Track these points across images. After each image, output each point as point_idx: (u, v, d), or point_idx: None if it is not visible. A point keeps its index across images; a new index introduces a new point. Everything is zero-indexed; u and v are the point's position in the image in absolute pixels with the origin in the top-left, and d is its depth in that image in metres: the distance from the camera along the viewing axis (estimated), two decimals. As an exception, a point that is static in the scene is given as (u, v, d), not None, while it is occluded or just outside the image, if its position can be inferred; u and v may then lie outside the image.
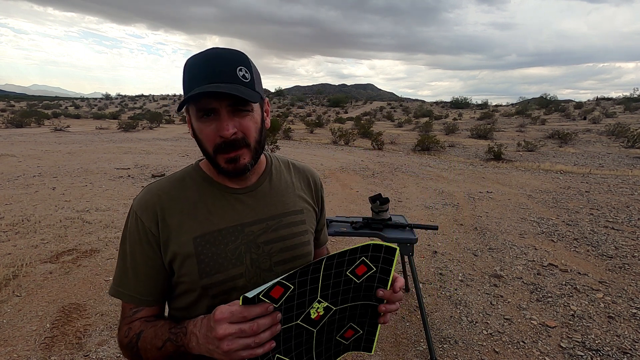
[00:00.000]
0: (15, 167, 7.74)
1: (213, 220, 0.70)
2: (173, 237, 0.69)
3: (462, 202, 5.94)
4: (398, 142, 17.61)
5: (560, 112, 34.87)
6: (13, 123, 20.27)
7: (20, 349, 2.15)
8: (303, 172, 0.85)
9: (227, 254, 0.69)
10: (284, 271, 0.71)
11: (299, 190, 0.81)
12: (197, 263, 0.68)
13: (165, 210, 0.70)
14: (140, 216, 0.70)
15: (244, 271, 0.70)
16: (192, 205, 0.71)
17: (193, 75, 0.64)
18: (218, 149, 0.66)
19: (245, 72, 0.65)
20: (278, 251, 0.73)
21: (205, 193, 0.72)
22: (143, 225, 0.69)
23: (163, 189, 0.73)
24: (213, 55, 0.65)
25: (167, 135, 17.95)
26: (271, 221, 0.74)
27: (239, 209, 0.72)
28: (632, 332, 2.48)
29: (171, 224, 0.69)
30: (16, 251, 3.47)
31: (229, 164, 0.67)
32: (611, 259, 3.70)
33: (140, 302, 0.71)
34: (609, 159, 12.06)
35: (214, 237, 0.69)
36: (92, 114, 39.92)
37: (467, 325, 2.56)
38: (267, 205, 0.75)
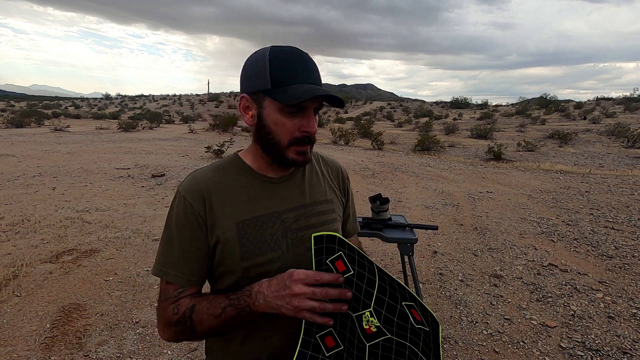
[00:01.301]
0: (15, 167, 7.74)
1: (253, 207, 0.76)
2: (218, 222, 0.73)
3: (462, 202, 5.94)
4: (398, 142, 17.61)
5: (560, 112, 34.86)
6: (13, 123, 20.25)
7: (20, 349, 2.15)
8: (331, 165, 0.92)
9: (265, 239, 0.74)
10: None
11: (328, 181, 0.88)
12: (239, 246, 0.73)
13: (212, 196, 0.74)
14: (189, 200, 0.74)
15: (280, 255, 0.75)
16: (234, 192, 0.76)
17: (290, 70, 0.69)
18: (295, 141, 0.72)
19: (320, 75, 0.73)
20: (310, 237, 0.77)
21: (245, 182, 0.78)
22: (192, 209, 0.73)
23: (208, 176, 0.77)
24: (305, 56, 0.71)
25: (167, 135, 17.94)
26: (304, 209, 0.80)
27: (276, 197, 0.78)
28: (632, 332, 2.48)
29: (217, 208, 0.74)
30: (16, 251, 3.47)
31: (299, 155, 0.73)
32: (611, 259, 3.70)
33: (186, 282, 0.74)
34: (609, 159, 12.06)
35: (254, 222, 0.74)
36: (92, 114, 39.90)
37: (467, 325, 2.56)
38: (301, 194, 0.81)
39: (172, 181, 6.93)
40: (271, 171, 0.80)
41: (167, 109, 52.03)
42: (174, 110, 50.28)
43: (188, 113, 42.63)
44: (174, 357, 2.16)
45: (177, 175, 7.47)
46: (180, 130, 21.76)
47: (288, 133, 0.71)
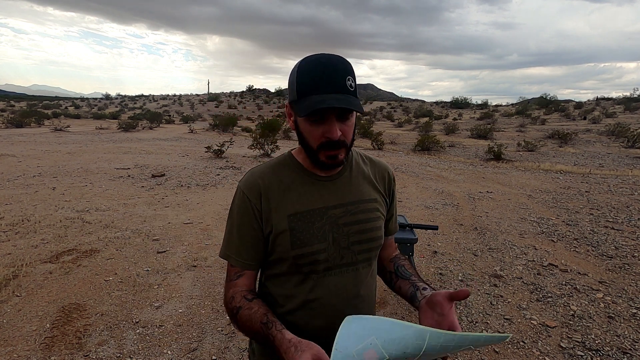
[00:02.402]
0: (15, 167, 7.74)
1: (303, 202, 0.83)
2: (272, 214, 0.82)
3: (462, 202, 5.94)
4: (398, 142, 17.61)
5: (560, 112, 34.86)
6: (13, 123, 20.24)
7: (20, 349, 2.15)
8: (378, 166, 0.96)
9: (313, 231, 0.81)
10: (360, 251, 0.85)
11: (374, 181, 0.92)
12: (290, 236, 0.80)
13: (267, 191, 0.83)
14: (247, 194, 0.83)
15: (326, 247, 0.81)
16: (287, 188, 0.84)
17: (310, 82, 0.73)
18: (322, 146, 0.77)
19: (351, 82, 0.74)
20: (355, 232, 0.84)
21: (297, 179, 0.85)
22: (250, 202, 0.83)
23: (264, 173, 0.86)
24: (329, 64, 0.73)
25: (167, 135, 17.94)
26: (350, 206, 0.85)
27: (324, 194, 0.84)
28: (632, 332, 2.48)
29: (271, 202, 0.82)
30: (16, 251, 3.47)
31: (329, 159, 0.78)
32: (611, 259, 3.70)
33: (243, 265, 0.84)
34: (609, 159, 12.06)
35: (304, 216, 0.81)
36: (92, 114, 39.89)
37: (467, 325, 2.56)
38: (347, 192, 0.86)
39: (172, 181, 6.93)
40: (320, 170, 0.85)
41: (167, 109, 52.01)
42: (174, 110, 50.27)
43: (188, 113, 42.63)
44: (174, 357, 2.16)
45: (177, 175, 7.47)
46: (180, 130, 21.75)
47: (315, 139, 0.77)
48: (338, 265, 0.83)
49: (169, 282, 3.02)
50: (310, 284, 0.83)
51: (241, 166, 8.80)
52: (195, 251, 3.66)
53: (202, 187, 6.61)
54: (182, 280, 3.06)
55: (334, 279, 0.83)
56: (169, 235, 4.07)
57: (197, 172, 7.88)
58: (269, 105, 60.54)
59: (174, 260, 3.42)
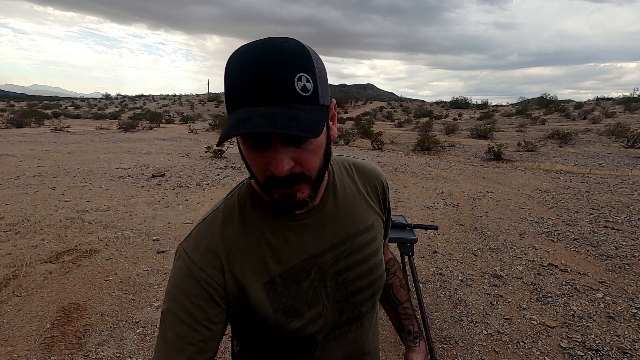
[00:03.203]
0: (15, 167, 7.74)
1: (281, 258, 0.60)
2: (241, 286, 0.59)
3: (462, 202, 5.94)
4: (398, 142, 17.61)
5: (560, 112, 34.86)
6: (13, 123, 20.24)
7: (20, 349, 2.15)
8: (367, 174, 0.73)
9: (302, 295, 0.61)
10: (363, 301, 0.67)
11: (366, 199, 0.71)
12: (272, 312, 0.59)
13: (230, 253, 0.59)
14: (200, 265, 0.58)
15: (321, 310, 0.63)
16: (253, 244, 0.60)
17: (235, 85, 0.49)
18: (270, 182, 0.53)
19: (306, 82, 0.48)
20: (353, 279, 0.65)
21: (265, 226, 0.61)
22: (205, 276, 0.57)
23: (220, 229, 0.61)
24: (265, 58, 0.47)
25: (167, 135, 17.94)
26: (342, 246, 0.65)
27: (306, 238, 0.62)
28: (632, 332, 2.48)
29: (237, 269, 0.59)
30: (16, 251, 3.47)
31: (284, 199, 0.55)
32: (611, 259, 3.70)
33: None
34: (609, 159, 12.06)
35: (285, 278, 0.60)
36: (92, 114, 39.89)
37: (467, 325, 2.56)
38: (336, 228, 0.65)
39: (172, 181, 6.93)
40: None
41: (167, 109, 52.02)
42: (174, 110, 50.28)
43: (188, 113, 42.63)
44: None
45: (177, 175, 7.47)
46: (180, 130, 21.75)
47: (260, 172, 0.53)
48: (338, 325, 0.65)
49: (169, 282, 3.02)
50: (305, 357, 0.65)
51: (241, 166, 8.80)
52: (195, 251, 3.66)
53: (202, 187, 6.61)
54: (182, 280, 3.06)
55: (335, 344, 0.66)
56: (169, 235, 4.08)
57: (197, 172, 7.88)
58: (269, 105, 60.39)
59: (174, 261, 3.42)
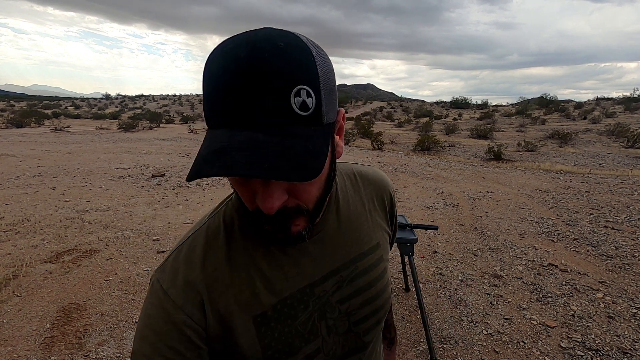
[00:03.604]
0: (15, 167, 7.74)
1: (274, 287, 0.52)
2: (225, 323, 0.50)
3: (462, 202, 5.94)
4: (398, 142, 17.61)
5: (560, 112, 34.87)
6: (13, 123, 20.25)
7: (20, 349, 2.15)
8: (373, 184, 0.65)
9: (298, 330, 0.52)
10: (367, 329, 0.58)
11: (372, 214, 0.62)
12: (262, 350, 0.51)
13: (212, 287, 0.50)
14: (174, 299, 0.48)
15: (320, 345, 0.54)
16: (242, 272, 0.52)
17: (215, 97, 0.39)
18: (260, 215, 0.46)
19: (307, 96, 0.39)
20: (357, 308, 0.57)
21: (255, 251, 0.52)
22: (180, 313, 0.48)
23: (201, 255, 0.52)
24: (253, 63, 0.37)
25: (167, 135, 17.94)
26: (345, 271, 0.56)
27: (304, 265, 0.54)
28: (632, 332, 2.48)
29: (221, 305, 0.50)
30: (16, 251, 3.47)
31: (279, 232, 0.48)
32: (611, 259, 3.70)
33: None
34: (609, 159, 12.06)
35: (279, 311, 0.52)
36: (92, 114, 39.91)
37: (467, 325, 2.56)
38: (338, 250, 0.56)
39: (172, 181, 6.93)
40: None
41: (167, 109, 52.04)
42: (174, 110, 50.31)
43: (188, 113, 42.65)
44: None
45: (177, 175, 7.47)
46: (180, 130, 21.76)
47: (247, 201, 0.46)
48: (338, 357, 0.57)
49: (169, 282, 3.02)
50: None
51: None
52: (195, 251, 3.66)
53: (202, 187, 6.62)
54: (182, 280, 3.07)
55: None
56: (169, 235, 4.07)
57: (197, 172, 7.87)
58: (269, 105, 60.48)
59: (174, 260, 3.43)
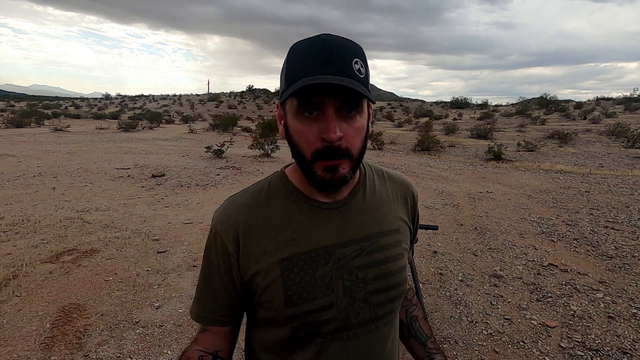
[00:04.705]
0: (15, 167, 7.74)
1: (301, 241, 0.62)
2: (256, 259, 0.62)
3: (462, 202, 5.94)
4: (398, 142, 17.61)
5: (560, 112, 34.88)
6: (13, 123, 20.26)
7: (20, 349, 2.15)
8: (399, 183, 0.74)
9: (316, 280, 0.60)
10: (381, 303, 0.63)
11: (395, 205, 0.71)
12: (284, 289, 0.60)
13: (249, 229, 0.63)
14: (220, 234, 0.64)
15: (334, 301, 0.60)
16: (276, 222, 0.63)
17: (302, 61, 0.54)
18: (318, 155, 0.56)
19: (361, 66, 0.55)
20: (373, 278, 0.63)
21: (291, 208, 0.64)
22: (223, 245, 0.63)
23: (244, 204, 0.65)
24: (328, 41, 0.55)
25: (167, 135, 17.95)
26: (365, 242, 0.64)
27: (329, 227, 0.63)
28: (632, 332, 2.48)
29: (254, 244, 0.62)
30: (16, 251, 3.47)
31: (326, 172, 0.57)
32: (611, 259, 3.70)
33: (205, 319, 0.67)
34: (609, 159, 12.06)
35: (302, 260, 0.61)
36: (92, 114, 39.90)
37: (467, 325, 2.56)
38: (361, 224, 0.65)
39: (172, 181, 6.93)
40: (325, 194, 0.64)
41: (167, 109, 52.04)
42: (174, 110, 50.31)
43: (188, 113, 42.65)
44: (174, 357, 2.16)
45: (177, 175, 7.47)
46: (180, 130, 21.76)
47: (308, 144, 0.56)
48: (353, 325, 0.62)
49: (169, 282, 3.02)
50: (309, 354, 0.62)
51: (241, 166, 8.80)
52: (195, 251, 3.66)
53: (202, 187, 6.62)
54: (182, 280, 3.06)
55: (346, 345, 0.62)
56: (169, 235, 4.08)
57: (197, 172, 7.88)
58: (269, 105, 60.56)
59: (174, 260, 3.42)
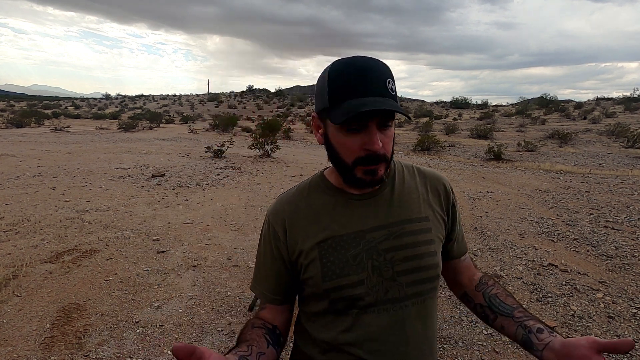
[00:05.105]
0: (15, 167, 7.73)
1: (335, 226, 0.72)
2: (299, 243, 0.73)
3: (462, 202, 5.94)
4: (398, 142, 17.61)
5: (560, 112, 34.87)
6: (13, 123, 20.26)
7: (20, 349, 2.15)
8: (430, 178, 0.81)
9: (348, 259, 0.70)
10: (409, 283, 0.70)
11: (425, 196, 0.78)
12: (321, 267, 0.71)
13: (294, 217, 0.75)
14: (272, 222, 0.77)
15: (365, 278, 0.69)
16: (316, 212, 0.74)
17: (346, 84, 0.64)
18: (359, 161, 0.66)
19: (392, 85, 0.66)
20: (401, 260, 0.70)
21: (328, 201, 0.75)
22: (274, 231, 0.76)
23: (290, 199, 0.78)
24: (366, 66, 0.64)
25: (167, 135, 17.95)
26: (393, 228, 0.72)
27: (360, 215, 0.73)
28: (632, 332, 2.48)
29: (297, 230, 0.74)
30: (16, 251, 3.47)
31: (367, 175, 0.68)
32: (611, 259, 3.70)
33: (264, 297, 0.79)
34: (609, 159, 12.06)
35: (336, 242, 0.71)
36: (92, 114, 39.90)
37: (467, 325, 2.56)
38: (390, 211, 0.73)
39: (172, 181, 6.93)
40: (352, 188, 0.75)
41: (167, 109, 52.02)
42: (174, 110, 50.28)
43: (188, 113, 42.64)
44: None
45: (177, 175, 7.47)
46: (180, 130, 21.76)
47: (351, 152, 0.66)
48: (382, 300, 0.69)
49: (169, 282, 3.02)
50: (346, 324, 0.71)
51: (241, 166, 8.80)
52: (195, 251, 3.66)
53: (202, 187, 6.62)
54: (182, 280, 3.06)
55: (378, 317, 0.69)
56: (169, 235, 4.08)
57: (197, 172, 7.88)
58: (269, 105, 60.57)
59: (174, 260, 3.42)
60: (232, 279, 3.15)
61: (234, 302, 2.78)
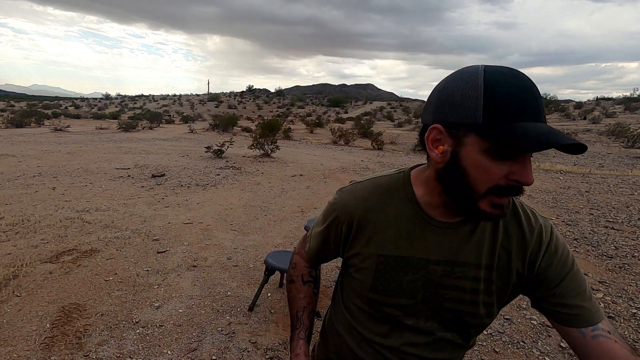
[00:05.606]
0: (15, 167, 7.73)
1: (402, 244, 0.69)
2: (361, 246, 0.72)
3: (462, 202, 5.94)
4: (398, 142, 17.61)
5: (560, 112, 34.88)
6: (13, 123, 20.25)
7: (20, 349, 2.15)
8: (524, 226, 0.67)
9: (402, 283, 0.68)
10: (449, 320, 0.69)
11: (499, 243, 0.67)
12: (373, 279, 0.70)
13: (363, 220, 0.72)
14: (339, 214, 0.75)
15: (413, 304, 0.69)
16: (387, 222, 0.70)
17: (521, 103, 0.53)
18: (494, 190, 0.57)
19: None
20: (450, 299, 0.67)
21: (404, 213, 0.70)
22: (339, 223, 0.75)
23: (365, 194, 0.73)
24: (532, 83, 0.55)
25: (167, 135, 17.95)
26: (458, 267, 0.67)
27: (432, 242, 0.67)
28: (632, 332, 2.48)
29: (362, 233, 0.72)
30: (16, 251, 3.47)
31: (495, 208, 0.59)
32: (611, 259, 3.70)
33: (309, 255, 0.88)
34: (609, 159, 12.06)
35: (397, 262, 0.69)
36: (92, 114, 39.90)
37: (467, 325, 2.56)
38: (460, 249, 0.67)
39: (172, 181, 6.93)
40: (440, 212, 0.67)
41: (167, 109, 52.05)
42: (174, 110, 50.31)
43: (188, 113, 42.67)
44: (174, 357, 2.16)
45: (177, 175, 7.47)
46: (180, 130, 21.77)
47: (490, 180, 0.56)
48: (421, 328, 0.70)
49: (169, 282, 3.02)
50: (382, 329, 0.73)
51: (241, 166, 8.80)
52: (195, 251, 3.66)
53: (202, 187, 6.61)
54: (182, 280, 3.06)
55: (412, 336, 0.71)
56: (169, 235, 4.08)
57: (197, 172, 7.88)
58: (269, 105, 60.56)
59: (174, 260, 3.42)
60: (232, 279, 3.15)
61: (234, 302, 2.78)
